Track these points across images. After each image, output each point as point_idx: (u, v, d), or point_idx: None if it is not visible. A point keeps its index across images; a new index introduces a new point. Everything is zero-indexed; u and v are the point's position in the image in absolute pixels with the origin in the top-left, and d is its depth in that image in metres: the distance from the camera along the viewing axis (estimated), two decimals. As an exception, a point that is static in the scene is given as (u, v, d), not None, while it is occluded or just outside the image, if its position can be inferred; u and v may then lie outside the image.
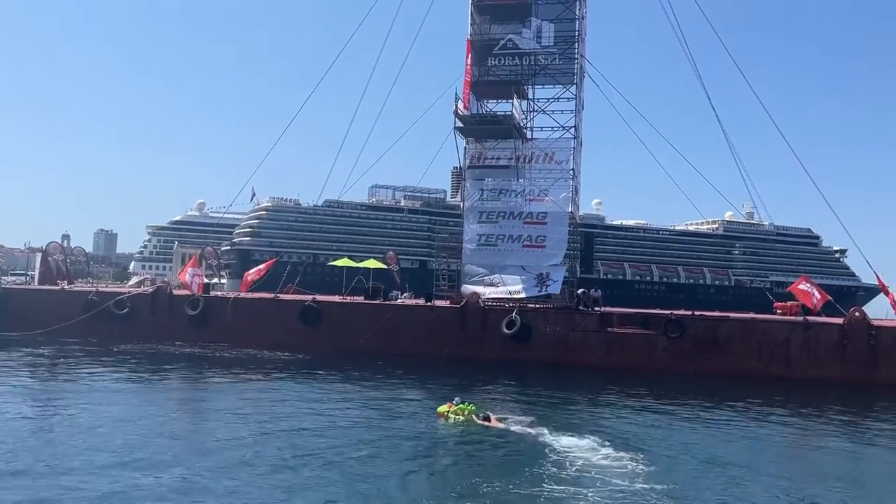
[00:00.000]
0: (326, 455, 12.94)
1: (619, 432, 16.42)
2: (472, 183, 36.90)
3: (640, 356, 29.67)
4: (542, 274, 34.34)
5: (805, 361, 28.32)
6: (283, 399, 19.36)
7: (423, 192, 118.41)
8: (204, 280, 38.43)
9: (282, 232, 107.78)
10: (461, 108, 34.30)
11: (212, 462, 12.10)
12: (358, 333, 32.11)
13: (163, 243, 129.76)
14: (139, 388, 21.07)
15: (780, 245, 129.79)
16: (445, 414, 16.99)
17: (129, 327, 33.75)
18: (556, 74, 36.44)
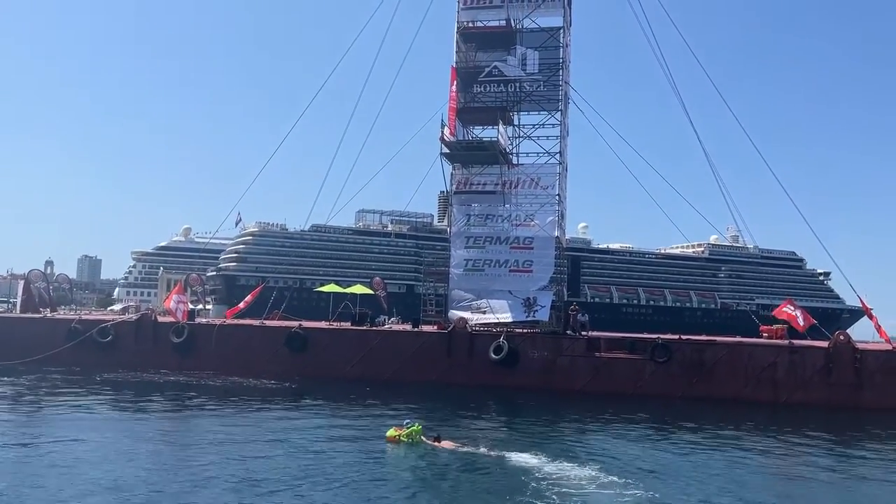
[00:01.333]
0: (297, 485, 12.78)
1: (596, 454, 16.50)
2: (459, 208, 37.03)
3: (628, 381, 29.66)
4: (529, 299, 34.38)
5: (791, 385, 28.41)
6: (261, 430, 19.09)
7: (410, 217, 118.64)
8: (189, 307, 38.18)
9: (268, 257, 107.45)
10: (447, 134, 34.51)
11: (189, 494, 11.92)
12: (345, 360, 31.93)
13: (148, 269, 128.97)
14: (122, 419, 20.79)
15: (764, 268, 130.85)
16: (396, 438, 16.86)
17: (113, 355, 33.39)
18: (540, 101, 36.80)
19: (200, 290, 47.02)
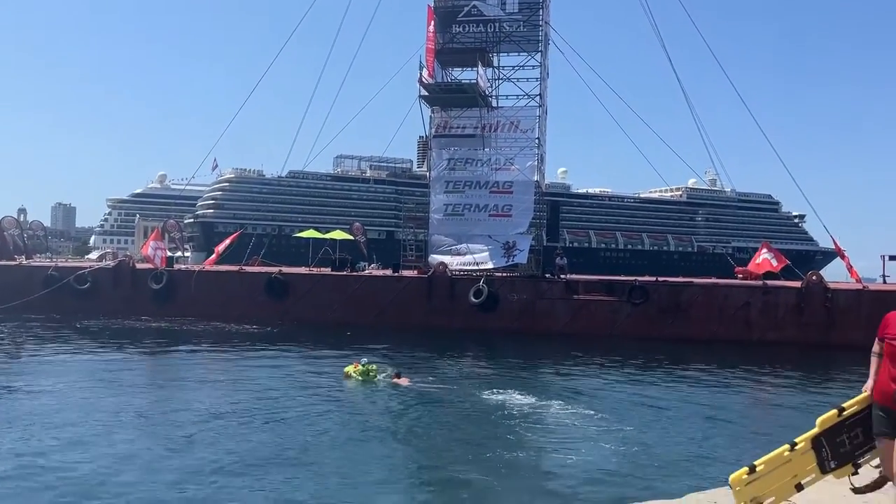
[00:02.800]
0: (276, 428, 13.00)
1: (572, 391, 17.06)
2: (438, 152, 36.78)
3: (605, 323, 30.15)
4: (508, 243, 34.56)
5: (764, 324, 29.05)
6: (235, 373, 19.36)
7: (389, 162, 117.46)
8: (167, 253, 37.92)
9: (246, 204, 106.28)
10: (425, 76, 34.03)
11: (174, 438, 12.07)
12: (325, 305, 32.05)
13: (124, 217, 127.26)
14: (105, 364, 20.81)
15: (741, 211, 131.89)
16: (348, 374, 17.58)
17: (92, 302, 33.23)
18: (520, 42, 36.31)
19: (178, 236, 46.50)
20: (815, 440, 4.51)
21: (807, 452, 4.47)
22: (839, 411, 4.54)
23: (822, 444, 4.49)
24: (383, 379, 17.40)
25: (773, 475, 4.38)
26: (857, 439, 4.46)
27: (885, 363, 4.25)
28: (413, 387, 16.96)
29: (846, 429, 4.48)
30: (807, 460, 4.47)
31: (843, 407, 4.55)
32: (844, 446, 4.46)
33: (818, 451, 4.46)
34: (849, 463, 4.50)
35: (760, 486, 4.36)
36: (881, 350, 4.34)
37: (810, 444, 4.47)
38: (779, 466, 4.41)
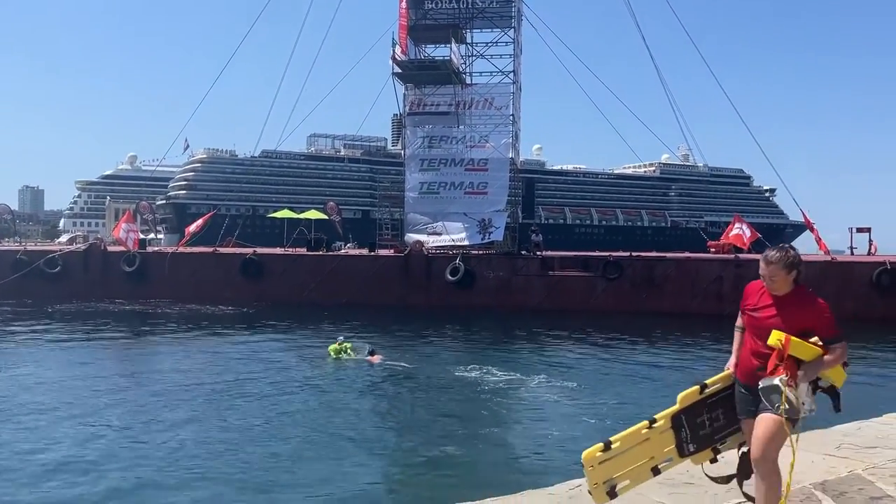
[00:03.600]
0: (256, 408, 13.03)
1: (547, 364, 17.35)
2: (413, 130, 36.64)
3: (581, 298, 30.43)
4: (484, 220, 34.64)
5: (737, 298, 29.31)
6: (210, 355, 19.33)
7: (363, 141, 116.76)
8: (140, 235, 37.46)
9: (218, 184, 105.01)
10: (398, 53, 33.77)
11: (151, 419, 12.03)
12: (301, 285, 31.94)
13: (94, 199, 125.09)
14: (77, 348, 20.60)
15: (713, 186, 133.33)
16: (330, 352, 17.87)
17: (63, 286, 32.76)
18: (493, 18, 36.13)
19: (151, 218, 46.01)
20: (674, 418, 4.01)
21: (666, 431, 3.95)
22: (701, 388, 4.07)
23: (681, 424, 4.00)
24: (357, 357, 17.56)
25: (629, 454, 3.84)
26: (717, 421, 4.03)
27: (747, 337, 3.94)
28: (387, 364, 17.09)
29: (707, 408, 4.04)
30: (665, 440, 3.96)
31: (705, 383, 4.08)
32: (704, 428, 4.02)
33: (678, 430, 3.97)
34: (709, 448, 4.03)
35: (615, 465, 3.81)
36: (743, 323, 4.07)
37: (670, 421, 3.97)
38: (636, 445, 3.87)
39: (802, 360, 3.64)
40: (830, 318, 3.71)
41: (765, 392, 3.63)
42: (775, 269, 3.79)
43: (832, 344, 3.68)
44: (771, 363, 3.67)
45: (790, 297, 3.80)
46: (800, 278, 3.84)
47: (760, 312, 3.89)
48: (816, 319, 3.71)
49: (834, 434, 5.80)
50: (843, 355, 3.73)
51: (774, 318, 3.77)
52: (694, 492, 4.35)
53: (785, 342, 3.62)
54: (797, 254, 3.84)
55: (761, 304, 3.91)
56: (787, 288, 3.80)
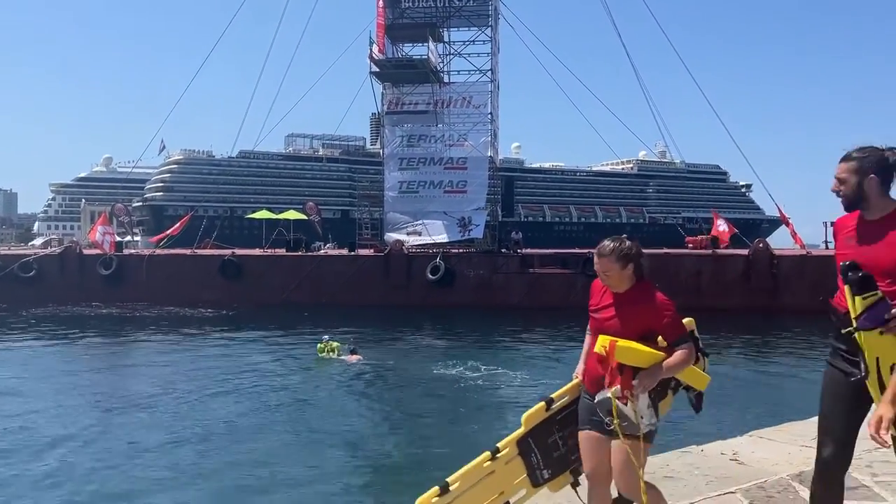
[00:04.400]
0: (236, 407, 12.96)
1: (525, 362, 17.41)
2: (391, 129, 36.59)
3: (560, 295, 30.54)
4: (464, 219, 34.69)
5: (714, 292, 29.81)
6: (192, 357, 19.19)
7: (341, 141, 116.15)
8: (116, 238, 37.04)
9: (196, 185, 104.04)
10: (376, 52, 33.69)
11: (126, 422, 11.92)
12: (281, 286, 31.76)
13: (68, 202, 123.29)
14: (54, 352, 20.36)
15: (690, 182, 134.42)
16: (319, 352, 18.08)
17: (39, 290, 32.30)
18: (470, 16, 36.17)
19: (127, 220, 45.41)
20: (521, 442, 3.47)
21: (513, 460, 3.43)
22: (547, 403, 3.53)
23: (530, 448, 3.47)
24: (338, 356, 17.60)
25: (472, 494, 3.33)
26: (572, 439, 3.46)
27: (592, 341, 3.37)
28: (368, 363, 17.11)
29: (558, 426, 3.51)
30: (514, 470, 3.44)
31: (551, 398, 3.55)
32: (558, 449, 3.47)
33: (526, 456, 3.45)
34: (566, 471, 3.51)
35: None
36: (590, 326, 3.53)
37: (516, 448, 3.44)
38: (479, 481, 3.35)
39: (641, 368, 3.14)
40: (673, 317, 3.26)
41: (601, 406, 3.22)
42: (608, 263, 3.30)
43: (677, 345, 3.22)
44: (607, 373, 3.19)
45: (630, 295, 3.33)
46: (641, 272, 3.37)
47: (601, 313, 3.41)
48: (656, 319, 3.24)
49: (810, 425, 5.88)
50: (689, 358, 3.24)
51: (613, 319, 3.31)
52: (673, 485, 4.39)
53: (609, 348, 3.13)
54: (634, 244, 3.36)
55: (602, 303, 3.42)
56: (625, 284, 3.33)
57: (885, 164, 2.87)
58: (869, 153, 2.91)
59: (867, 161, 2.88)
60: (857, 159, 2.91)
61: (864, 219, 2.95)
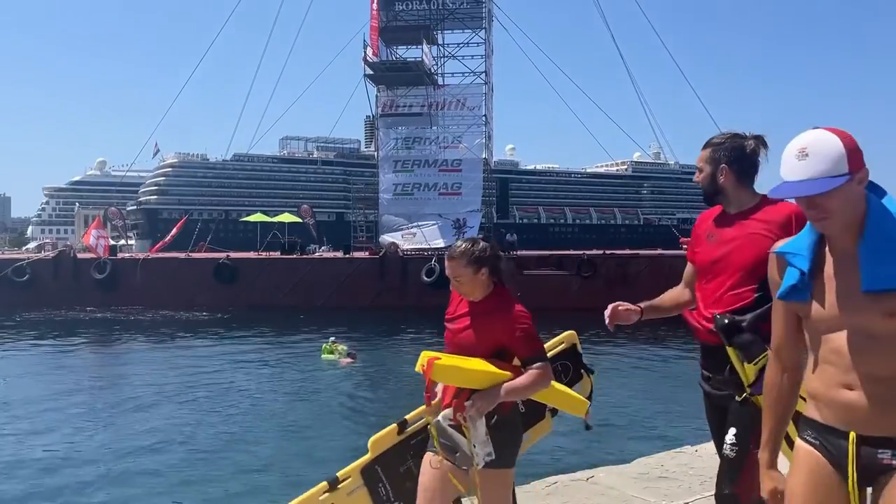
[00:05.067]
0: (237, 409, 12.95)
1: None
2: (386, 132, 36.61)
3: (555, 296, 30.57)
4: (458, 220, 34.74)
5: (709, 293, 29.89)
6: (196, 358, 19.18)
7: (336, 143, 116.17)
8: (110, 242, 36.95)
9: (190, 189, 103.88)
10: (370, 55, 33.73)
11: (119, 424, 11.89)
12: (276, 289, 31.72)
13: (62, 206, 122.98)
14: (48, 356, 20.28)
15: (684, 183, 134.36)
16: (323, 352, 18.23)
17: (33, 295, 32.19)
18: (464, 19, 36.24)
19: (121, 224, 45.33)
20: (366, 471, 3.09)
21: (357, 491, 3.06)
22: (400, 426, 3.16)
23: (377, 477, 3.09)
24: (337, 358, 17.66)
25: None
26: None
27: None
28: (363, 365, 17.10)
29: (412, 451, 3.10)
30: (358, 502, 3.05)
31: (405, 419, 3.17)
32: (412, 478, 2.98)
33: (373, 487, 3.07)
34: None
35: None
36: None
37: (360, 477, 3.07)
38: None
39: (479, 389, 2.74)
40: (526, 332, 2.82)
41: (438, 432, 2.81)
42: (458, 267, 2.89)
43: (529, 364, 2.77)
44: (445, 393, 2.85)
45: (485, 305, 2.91)
46: (500, 278, 2.97)
47: (454, 324, 3.01)
48: (508, 333, 2.82)
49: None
50: (539, 380, 2.77)
51: (466, 331, 2.92)
52: (667, 485, 4.40)
53: (427, 366, 2.71)
54: (490, 246, 2.93)
55: (458, 312, 3.03)
56: (480, 292, 2.91)
57: (742, 154, 2.61)
58: (726, 140, 2.67)
59: (723, 149, 2.65)
60: (713, 147, 2.69)
61: (725, 213, 2.72)
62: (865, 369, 1.70)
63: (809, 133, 1.74)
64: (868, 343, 1.70)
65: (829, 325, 1.76)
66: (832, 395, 1.75)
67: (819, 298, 1.78)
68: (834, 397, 1.75)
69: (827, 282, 1.77)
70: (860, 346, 1.71)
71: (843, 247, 1.76)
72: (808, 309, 1.80)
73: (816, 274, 1.80)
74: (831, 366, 1.76)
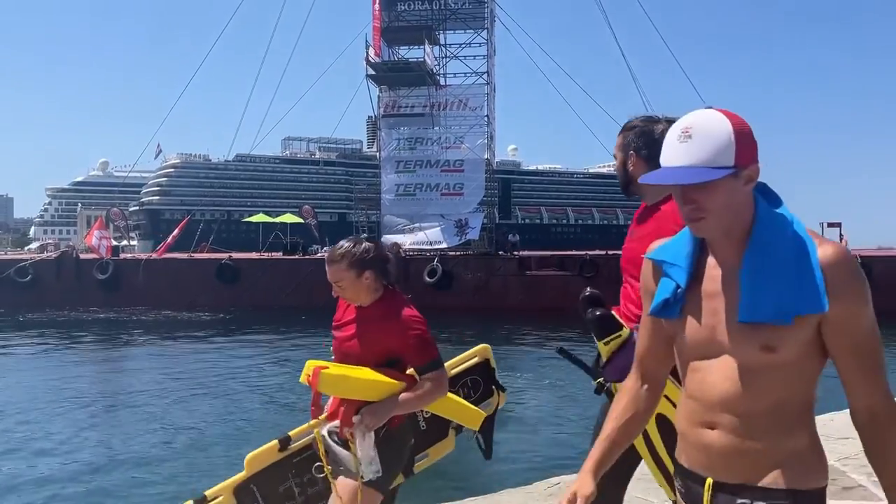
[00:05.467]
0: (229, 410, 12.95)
1: (522, 364, 17.52)
2: (388, 132, 36.61)
3: (558, 297, 30.54)
4: (461, 221, 34.72)
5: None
6: (198, 359, 19.18)
7: (338, 144, 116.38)
8: (112, 242, 37.00)
9: (192, 189, 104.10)
10: (372, 55, 33.73)
11: (127, 426, 11.89)
12: (278, 290, 31.74)
13: (65, 206, 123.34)
14: (53, 357, 20.29)
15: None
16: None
17: (35, 295, 32.24)
18: (466, 19, 36.23)
19: (123, 225, 45.38)
20: (240, 489, 2.86)
21: None
22: (282, 443, 2.92)
23: (253, 497, 2.85)
24: None
25: None
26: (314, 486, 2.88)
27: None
28: None
29: (295, 469, 2.91)
30: None
31: (288, 436, 2.95)
32: (293, 498, 2.86)
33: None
34: None
35: None
36: None
37: (233, 497, 2.84)
38: None
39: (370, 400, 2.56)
40: (420, 338, 2.64)
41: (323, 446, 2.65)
42: (339, 271, 2.74)
43: (424, 373, 2.61)
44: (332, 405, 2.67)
45: (374, 310, 2.72)
46: (389, 281, 2.81)
47: (342, 331, 2.81)
48: (399, 340, 2.63)
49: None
50: (435, 390, 2.61)
51: (353, 339, 2.72)
52: (671, 487, 4.37)
53: (313, 377, 2.52)
54: (374, 246, 2.79)
55: (345, 319, 2.83)
56: (366, 296, 2.73)
57: (651, 139, 2.33)
58: (637, 125, 2.41)
59: (633, 135, 2.41)
60: (624, 133, 2.45)
61: (646, 206, 2.48)
62: (731, 406, 1.47)
63: (698, 112, 1.47)
64: (739, 377, 1.46)
65: (698, 351, 1.52)
66: (694, 435, 1.53)
67: (692, 319, 1.52)
68: (695, 437, 1.52)
69: (705, 300, 1.50)
70: (729, 379, 1.47)
71: (724, 259, 1.49)
72: (679, 329, 1.54)
73: (693, 288, 1.52)
74: (695, 401, 1.53)
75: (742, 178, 1.42)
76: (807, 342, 1.43)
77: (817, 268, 1.39)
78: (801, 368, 1.45)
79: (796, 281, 1.39)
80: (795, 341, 1.42)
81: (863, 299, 1.42)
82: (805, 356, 1.44)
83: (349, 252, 2.73)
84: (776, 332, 1.40)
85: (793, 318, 1.39)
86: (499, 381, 3.07)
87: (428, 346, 2.67)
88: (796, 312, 1.39)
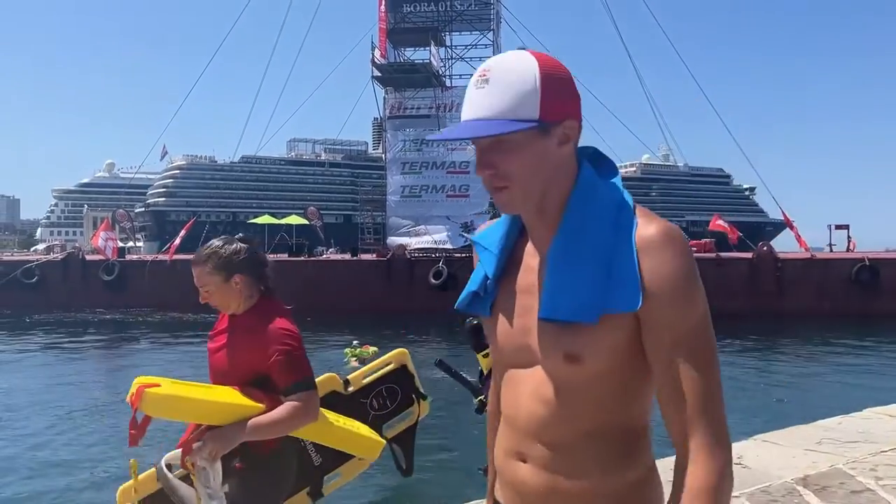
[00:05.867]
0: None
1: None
2: (394, 134, 36.61)
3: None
4: (466, 223, 34.67)
5: (718, 295, 29.69)
6: (204, 360, 19.13)
7: (344, 145, 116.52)
8: (118, 243, 37.09)
9: (198, 191, 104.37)
10: (378, 56, 33.75)
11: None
12: (283, 291, 31.62)
13: (71, 207, 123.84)
14: (59, 357, 20.33)
15: (693, 185, 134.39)
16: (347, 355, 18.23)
17: (41, 296, 32.36)
18: (472, 20, 36.24)
19: (129, 226, 45.53)
20: None
21: None
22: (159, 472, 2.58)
23: None
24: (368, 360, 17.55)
25: None
26: None
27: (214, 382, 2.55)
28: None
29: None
30: None
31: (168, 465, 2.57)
32: None
33: None
34: None
35: None
36: None
37: None
38: None
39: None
40: (287, 354, 2.31)
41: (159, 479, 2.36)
42: (202, 274, 2.44)
43: (289, 395, 2.27)
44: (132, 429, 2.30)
45: (246, 320, 2.42)
46: (267, 287, 2.56)
47: (213, 341, 2.50)
48: (263, 355, 2.29)
49: (815, 429, 5.82)
50: (300, 414, 2.25)
51: (221, 352, 2.43)
52: (669, 488, 4.33)
53: (136, 395, 2.19)
54: (246, 248, 2.58)
55: (218, 328, 2.52)
56: (238, 304, 2.43)
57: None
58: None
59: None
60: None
61: None
62: (540, 433, 1.18)
63: (504, 54, 1.14)
64: (546, 395, 1.17)
65: (511, 358, 1.22)
66: (508, 470, 1.23)
67: (503, 318, 1.22)
68: (509, 473, 1.23)
69: (519, 295, 1.20)
70: (538, 398, 1.18)
71: (541, 244, 1.19)
72: (491, 330, 1.24)
73: (508, 280, 1.23)
74: (507, 425, 1.24)
75: (554, 136, 1.13)
76: (621, 349, 1.13)
77: (633, 253, 1.09)
78: (623, 384, 1.15)
79: (605, 269, 1.10)
80: (604, 348, 1.12)
81: (688, 296, 1.13)
82: (621, 368, 1.14)
83: (216, 253, 2.45)
84: (579, 335, 1.11)
85: (598, 316, 1.09)
86: (419, 389, 2.70)
87: (296, 363, 2.32)
88: (602, 310, 1.09)
